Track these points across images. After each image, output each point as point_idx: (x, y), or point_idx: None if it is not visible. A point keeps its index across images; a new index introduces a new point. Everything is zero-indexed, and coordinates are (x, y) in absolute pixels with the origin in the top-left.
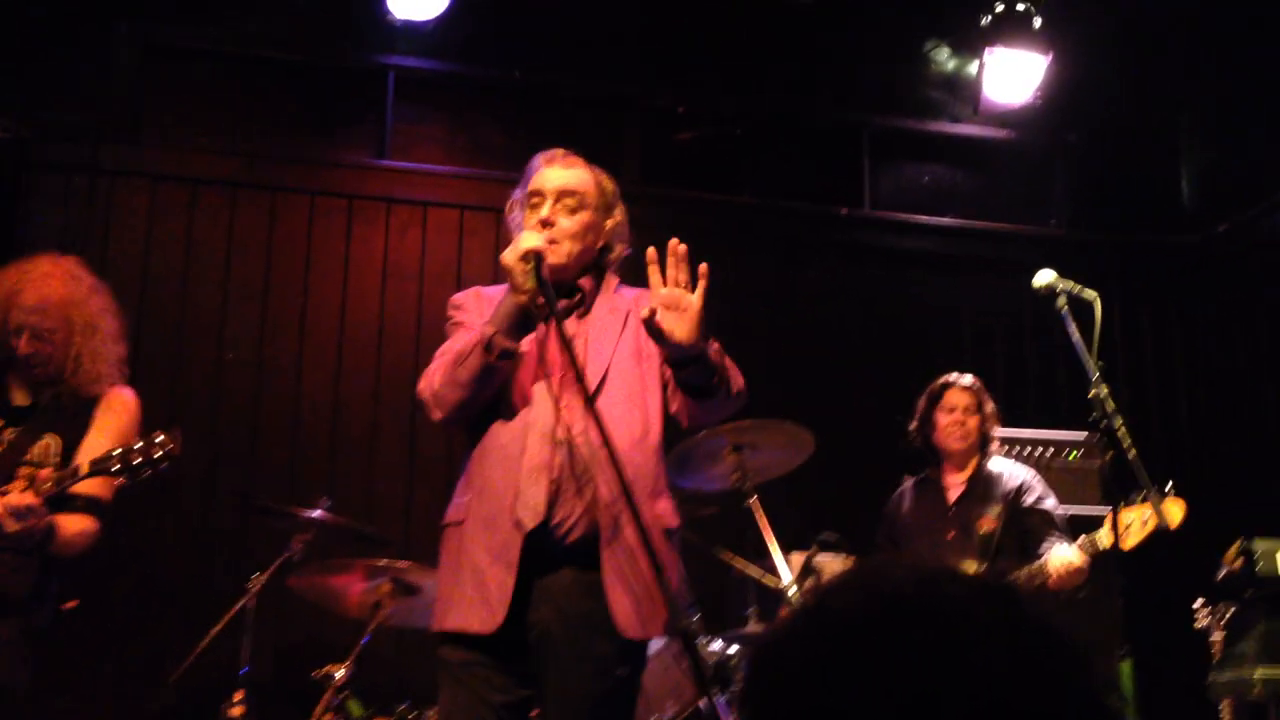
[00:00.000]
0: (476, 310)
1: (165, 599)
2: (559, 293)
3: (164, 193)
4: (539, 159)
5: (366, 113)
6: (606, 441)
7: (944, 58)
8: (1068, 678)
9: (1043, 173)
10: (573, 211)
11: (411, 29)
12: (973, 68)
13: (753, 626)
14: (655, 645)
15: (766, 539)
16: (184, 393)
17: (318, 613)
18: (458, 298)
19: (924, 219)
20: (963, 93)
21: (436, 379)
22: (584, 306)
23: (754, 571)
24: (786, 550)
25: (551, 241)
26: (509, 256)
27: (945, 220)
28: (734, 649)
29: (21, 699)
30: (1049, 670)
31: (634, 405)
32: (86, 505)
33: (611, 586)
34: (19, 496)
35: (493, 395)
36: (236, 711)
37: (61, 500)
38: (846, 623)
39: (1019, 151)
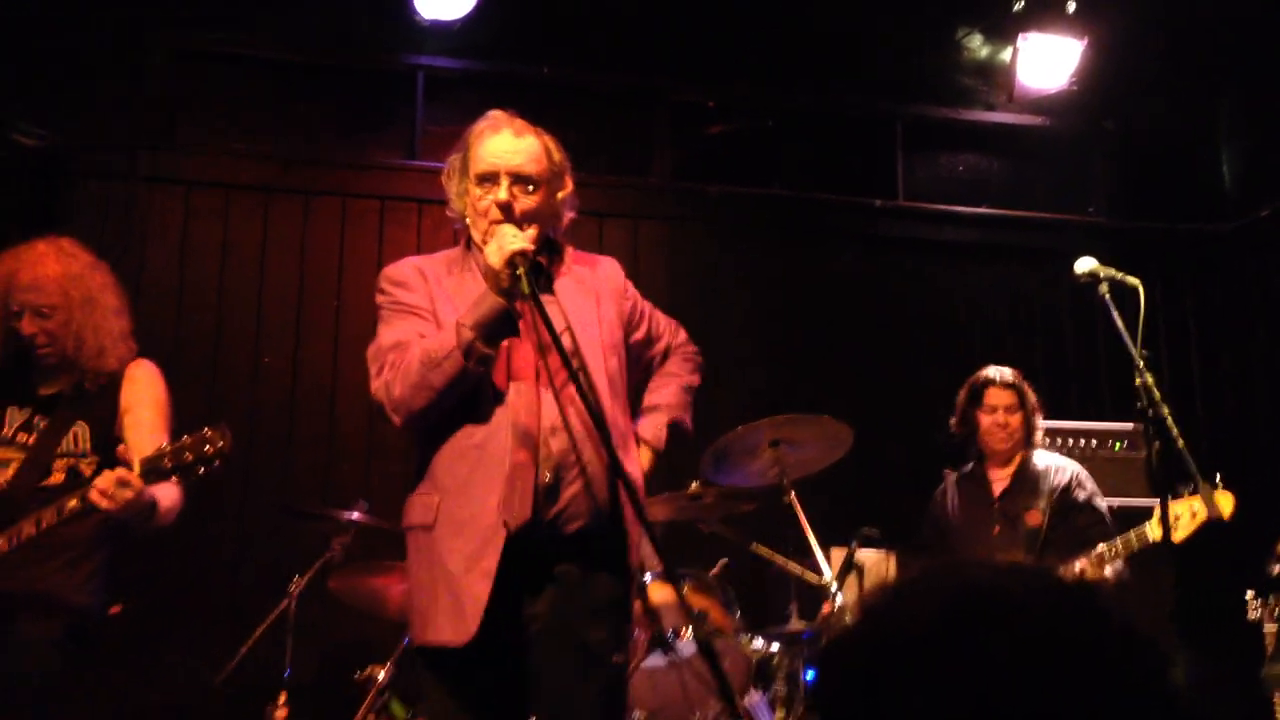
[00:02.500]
0: (424, 293)
1: (207, 603)
2: None
3: (199, 198)
4: (483, 127)
5: (396, 114)
6: (602, 427)
7: (977, 45)
8: (1152, 676)
9: (1080, 160)
10: (529, 193)
11: (439, 29)
12: (1006, 54)
13: (794, 624)
14: (692, 646)
15: (806, 535)
16: (221, 396)
17: (358, 615)
18: (398, 274)
19: (959, 209)
20: (997, 80)
21: (398, 384)
22: (547, 285)
23: (794, 568)
24: (826, 546)
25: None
26: (494, 258)
27: (981, 210)
28: (775, 646)
29: (54, 699)
30: (1133, 668)
31: (612, 396)
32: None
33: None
34: (106, 475)
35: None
36: (281, 714)
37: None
38: (923, 621)
39: (1055, 139)
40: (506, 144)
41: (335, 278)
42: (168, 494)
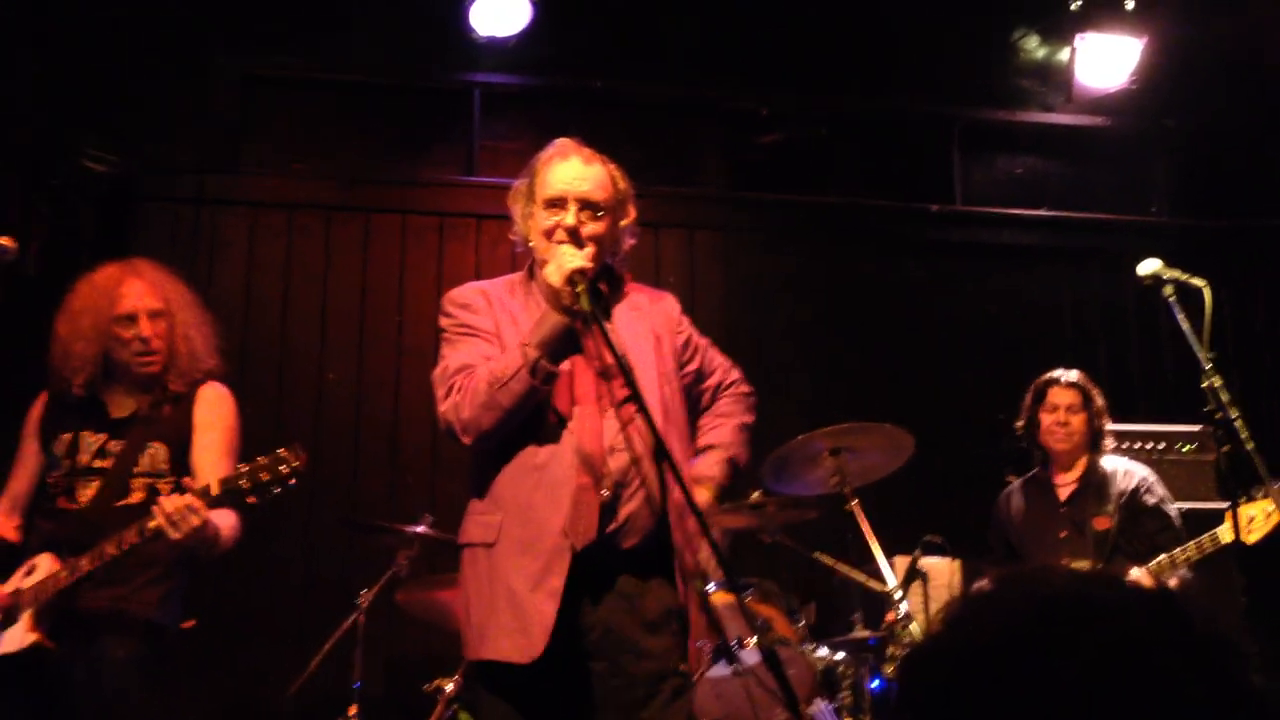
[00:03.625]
0: (488, 315)
1: (277, 617)
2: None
3: (263, 219)
4: (551, 154)
5: (454, 131)
6: (668, 455)
7: (1034, 46)
8: (1238, 680)
9: (1142, 159)
10: (596, 219)
11: (494, 46)
12: (1064, 55)
13: (858, 632)
14: (757, 655)
15: (869, 543)
16: (288, 413)
17: (425, 627)
18: (462, 297)
19: (1018, 212)
20: (1055, 81)
21: (467, 406)
22: (604, 310)
23: (858, 576)
24: (890, 554)
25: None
26: (554, 277)
27: (1041, 212)
28: (840, 655)
29: (137, 715)
30: (1219, 673)
31: (671, 424)
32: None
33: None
34: (174, 500)
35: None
36: None
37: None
38: (1008, 630)
39: (1116, 138)
40: (575, 171)
41: (396, 294)
42: (226, 520)
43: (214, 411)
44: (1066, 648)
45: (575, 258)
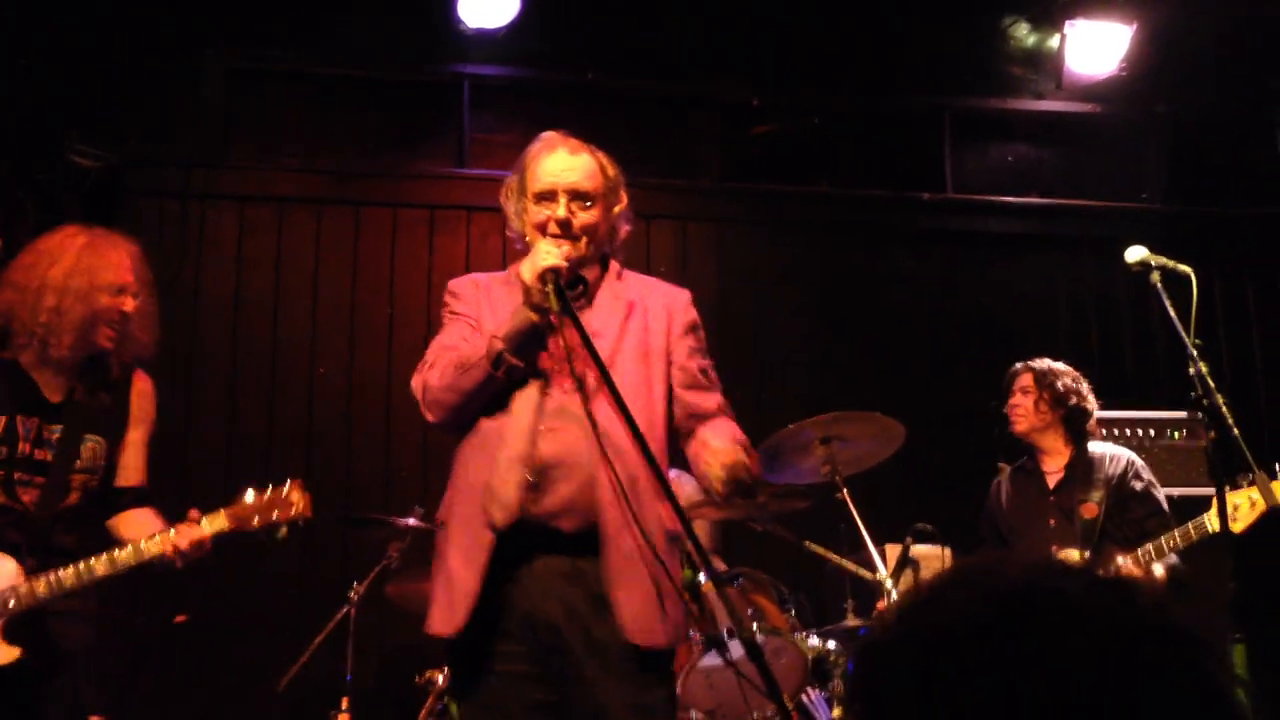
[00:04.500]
0: (474, 302)
1: (270, 611)
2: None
3: (252, 213)
4: (539, 148)
5: (444, 123)
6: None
7: (1023, 33)
8: (1194, 672)
9: (1132, 146)
10: (587, 208)
11: (484, 37)
12: (1054, 42)
13: (850, 620)
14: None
15: (860, 532)
16: (279, 407)
17: (417, 620)
18: (455, 286)
19: (1010, 200)
20: (1045, 68)
21: (434, 382)
22: (587, 297)
23: (849, 565)
24: (881, 542)
25: (570, 240)
26: (527, 274)
27: (1032, 200)
28: (831, 644)
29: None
30: (1175, 664)
31: (635, 403)
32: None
33: (616, 589)
34: (189, 533)
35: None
36: (344, 718)
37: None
38: (961, 619)
39: (1107, 125)
40: (562, 162)
41: (387, 287)
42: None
43: (145, 406)
44: (1018, 642)
45: (549, 255)
